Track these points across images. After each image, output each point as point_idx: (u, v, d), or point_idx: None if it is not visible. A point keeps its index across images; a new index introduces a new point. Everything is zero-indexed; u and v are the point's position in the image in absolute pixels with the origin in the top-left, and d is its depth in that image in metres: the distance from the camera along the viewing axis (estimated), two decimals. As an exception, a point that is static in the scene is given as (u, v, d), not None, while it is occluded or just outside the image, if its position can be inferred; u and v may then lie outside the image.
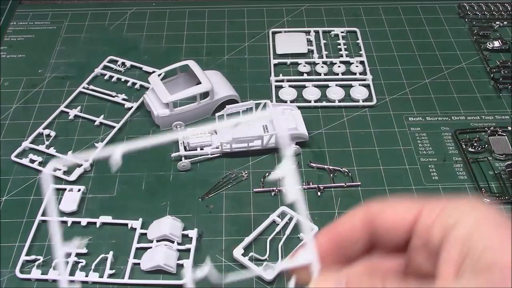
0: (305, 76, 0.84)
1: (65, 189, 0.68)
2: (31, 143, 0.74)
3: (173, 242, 0.62)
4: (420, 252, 0.28)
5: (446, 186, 0.69)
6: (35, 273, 0.60)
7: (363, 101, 0.80)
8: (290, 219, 0.64)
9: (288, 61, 0.86)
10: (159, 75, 0.77)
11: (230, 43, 0.91)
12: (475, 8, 0.95)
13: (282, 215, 0.65)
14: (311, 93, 0.80)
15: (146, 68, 0.85)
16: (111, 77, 0.83)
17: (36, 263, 0.61)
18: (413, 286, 0.26)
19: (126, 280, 0.60)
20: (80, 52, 0.89)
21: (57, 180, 0.70)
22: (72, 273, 0.60)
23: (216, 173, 0.71)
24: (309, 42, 0.90)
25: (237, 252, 0.61)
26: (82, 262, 0.61)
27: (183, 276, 0.59)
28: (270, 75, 0.83)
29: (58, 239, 0.28)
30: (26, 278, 0.60)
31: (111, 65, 0.85)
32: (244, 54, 0.89)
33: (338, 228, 0.31)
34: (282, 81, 0.83)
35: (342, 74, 0.84)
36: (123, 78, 0.83)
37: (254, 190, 0.69)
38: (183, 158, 0.71)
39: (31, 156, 0.72)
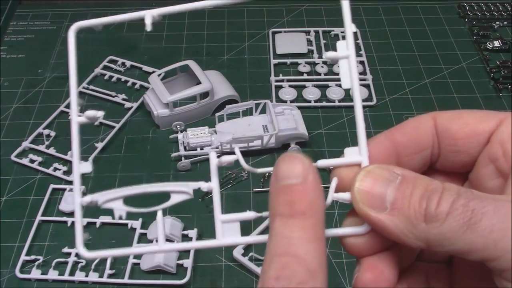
0: (305, 76, 0.84)
1: (65, 189, 0.68)
2: (31, 143, 0.74)
3: (173, 242, 0.62)
4: (488, 166, 0.25)
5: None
6: (35, 273, 0.60)
7: (363, 101, 0.79)
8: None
9: (288, 61, 0.86)
10: (159, 75, 0.77)
11: (230, 43, 0.91)
12: (475, 8, 0.95)
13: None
14: (311, 93, 0.80)
15: (146, 68, 0.85)
16: (111, 77, 0.83)
17: (36, 263, 0.61)
18: (476, 191, 0.22)
19: (126, 280, 0.60)
20: (80, 52, 0.88)
21: (57, 180, 0.70)
22: (72, 273, 0.60)
23: (216, 173, 0.71)
24: (309, 42, 0.90)
25: (237, 252, 0.61)
26: (82, 262, 0.61)
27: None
28: (270, 75, 0.83)
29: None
30: (26, 278, 0.60)
31: (111, 65, 0.85)
32: (244, 54, 0.89)
33: (401, 131, 0.26)
34: (282, 81, 0.83)
35: (342, 74, 0.84)
36: (123, 78, 0.83)
37: (254, 190, 0.69)
38: (183, 158, 0.71)
39: (31, 156, 0.72)
